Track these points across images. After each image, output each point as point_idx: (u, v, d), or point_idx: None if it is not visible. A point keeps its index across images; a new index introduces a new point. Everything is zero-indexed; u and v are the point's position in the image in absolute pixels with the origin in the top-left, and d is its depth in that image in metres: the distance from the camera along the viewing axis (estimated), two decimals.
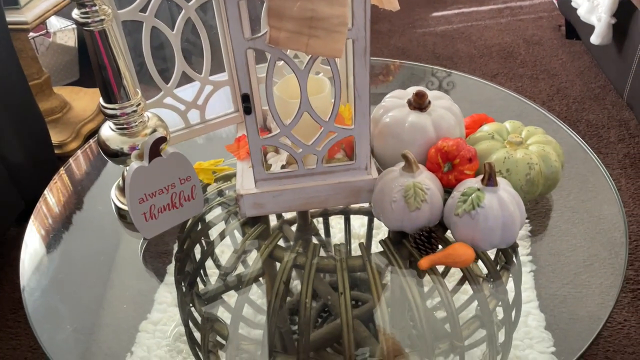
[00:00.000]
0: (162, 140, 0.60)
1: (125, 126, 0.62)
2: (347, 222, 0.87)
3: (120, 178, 0.71)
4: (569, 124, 1.61)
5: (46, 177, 1.35)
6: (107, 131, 0.64)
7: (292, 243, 0.77)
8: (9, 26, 1.18)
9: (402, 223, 0.61)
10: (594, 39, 1.52)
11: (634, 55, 1.42)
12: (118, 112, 0.61)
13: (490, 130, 0.68)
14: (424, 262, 0.58)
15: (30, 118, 1.26)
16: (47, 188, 0.78)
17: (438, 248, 0.61)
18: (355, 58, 0.58)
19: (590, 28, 1.59)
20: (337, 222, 0.89)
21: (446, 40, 2.16)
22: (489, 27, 2.25)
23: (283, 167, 0.68)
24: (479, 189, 0.59)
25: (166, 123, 0.68)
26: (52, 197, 0.78)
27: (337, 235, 0.88)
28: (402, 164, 0.63)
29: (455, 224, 0.59)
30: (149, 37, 0.66)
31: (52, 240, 0.73)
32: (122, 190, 0.70)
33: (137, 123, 0.63)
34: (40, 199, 0.77)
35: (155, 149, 0.61)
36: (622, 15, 1.45)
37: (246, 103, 0.59)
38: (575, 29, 1.96)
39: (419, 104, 0.68)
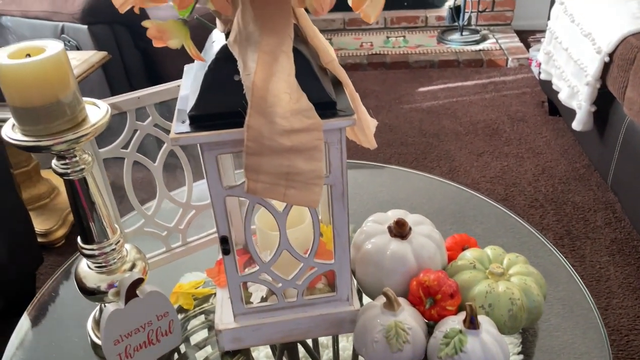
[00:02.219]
0: (140, 281, 0.60)
1: (103, 264, 0.62)
2: (335, 342, 0.85)
3: (98, 309, 0.70)
4: (556, 207, 1.62)
5: (28, 273, 1.33)
6: (84, 269, 0.63)
7: None
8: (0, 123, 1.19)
9: None
10: (576, 125, 1.56)
11: (615, 142, 1.45)
12: (96, 252, 0.61)
13: (471, 259, 0.68)
14: None
15: (13, 212, 1.25)
16: (25, 313, 0.76)
17: None
18: (334, 201, 0.58)
19: (572, 109, 1.63)
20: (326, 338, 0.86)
21: (432, 117, 2.21)
22: (474, 102, 2.31)
23: (263, 298, 0.67)
24: (461, 331, 0.58)
25: (144, 254, 0.67)
26: (29, 322, 0.76)
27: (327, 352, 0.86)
28: (383, 299, 0.62)
29: None
30: (130, 171, 0.66)
31: None
32: (98, 323, 0.68)
33: (115, 260, 0.62)
34: (17, 326, 0.75)
35: (132, 290, 0.60)
36: (602, 104, 1.49)
37: (224, 245, 0.59)
38: (557, 107, 2.01)
39: (400, 232, 0.68)
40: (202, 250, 0.83)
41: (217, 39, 0.54)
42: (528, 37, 2.96)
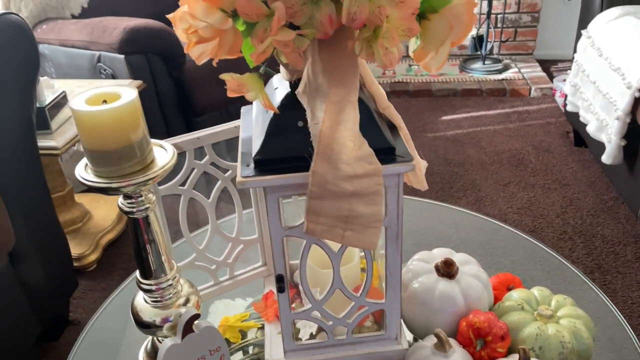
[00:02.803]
0: (196, 317, 0.61)
1: (159, 299, 0.63)
2: None
3: (149, 341, 0.71)
4: (585, 240, 1.61)
5: (65, 297, 1.35)
6: (141, 303, 0.64)
7: None
8: (40, 151, 1.23)
9: None
10: (605, 158, 1.56)
11: None
12: (154, 287, 0.62)
13: (519, 300, 0.68)
14: None
15: (52, 238, 1.28)
16: (74, 347, 0.78)
17: None
18: (388, 242, 0.60)
19: (598, 141, 1.63)
20: None
21: (457, 146, 2.22)
22: (498, 132, 2.32)
23: (312, 335, 0.68)
24: None
25: (196, 288, 0.69)
26: (78, 352, 0.78)
27: None
28: (434, 339, 0.63)
29: None
30: (186, 207, 0.68)
31: None
32: (149, 355, 0.70)
33: (171, 295, 0.64)
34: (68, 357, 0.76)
35: (189, 326, 0.61)
36: (632, 137, 1.50)
37: (280, 283, 0.60)
38: (583, 138, 2.01)
39: (448, 272, 0.69)
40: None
41: (280, 86, 0.56)
42: (550, 66, 2.97)
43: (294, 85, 0.54)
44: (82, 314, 1.43)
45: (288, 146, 0.54)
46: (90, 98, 0.53)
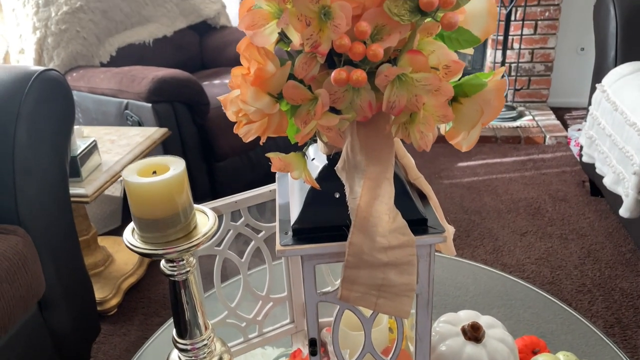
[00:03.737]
0: None
1: (193, 358, 0.65)
2: None
3: None
4: (604, 292, 1.61)
5: (88, 343, 1.37)
6: None
7: None
8: (71, 199, 1.27)
9: None
10: (623, 212, 1.57)
11: None
12: (189, 347, 0.64)
13: None
14: None
15: (79, 283, 1.31)
16: None
17: None
18: (419, 309, 0.62)
19: (615, 193, 1.64)
20: None
21: (473, 193, 2.24)
22: (513, 179, 2.34)
23: None
24: None
25: (228, 346, 0.71)
26: None
27: None
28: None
29: None
30: (220, 267, 0.71)
31: None
32: None
33: (205, 354, 0.66)
34: None
35: None
36: None
37: (313, 347, 0.62)
38: (599, 188, 2.02)
39: (475, 336, 0.70)
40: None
41: (317, 157, 0.60)
42: (564, 114, 3.01)
43: (331, 159, 0.57)
44: (103, 359, 1.44)
45: (325, 216, 0.56)
46: (141, 169, 0.57)
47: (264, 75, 0.48)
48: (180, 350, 0.65)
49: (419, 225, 0.57)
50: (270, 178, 0.68)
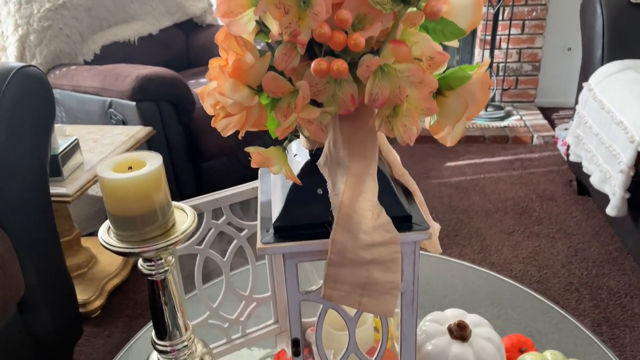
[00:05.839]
0: None
1: (173, 359, 0.63)
2: None
3: None
4: (591, 291, 1.61)
5: (70, 345, 1.34)
6: None
7: None
8: (52, 198, 1.24)
9: None
10: (610, 210, 1.57)
11: None
12: (169, 349, 0.63)
13: None
14: None
15: (61, 285, 1.28)
16: None
17: None
18: (403, 307, 0.60)
19: (602, 192, 1.65)
20: None
21: (461, 192, 2.23)
22: (501, 179, 2.34)
23: None
24: None
25: (210, 347, 0.69)
26: None
27: None
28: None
29: None
30: (202, 266, 0.69)
31: None
32: None
33: (186, 356, 0.64)
34: None
35: None
36: (636, 190, 1.51)
37: (296, 347, 0.61)
38: (586, 187, 2.02)
39: (461, 334, 0.69)
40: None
41: (299, 153, 0.58)
42: (551, 114, 3.02)
43: (313, 154, 0.55)
44: None
45: (307, 213, 0.55)
46: (116, 165, 0.55)
47: (243, 66, 0.46)
48: (160, 352, 0.63)
49: (403, 222, 0.56)
50: (257, 179, 0.66)
